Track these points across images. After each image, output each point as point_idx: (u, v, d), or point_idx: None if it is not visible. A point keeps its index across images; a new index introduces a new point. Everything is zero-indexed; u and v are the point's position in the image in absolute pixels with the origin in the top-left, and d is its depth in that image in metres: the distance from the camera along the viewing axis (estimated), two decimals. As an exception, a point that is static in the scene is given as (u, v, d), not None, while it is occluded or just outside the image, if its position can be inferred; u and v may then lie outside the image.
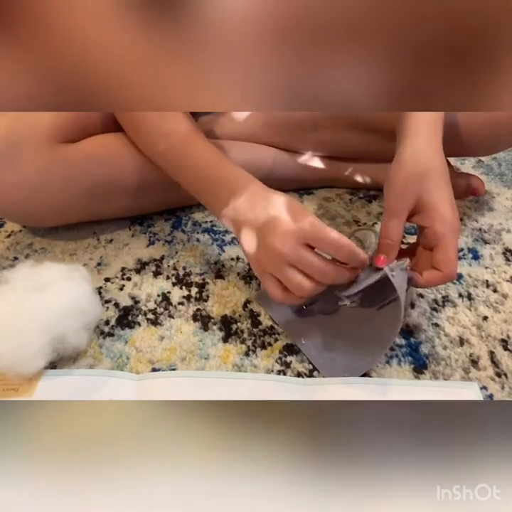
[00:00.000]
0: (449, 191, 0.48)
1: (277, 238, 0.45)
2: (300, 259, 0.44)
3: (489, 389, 0.49)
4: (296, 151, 0.74)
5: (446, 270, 0.46)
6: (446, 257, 0.46)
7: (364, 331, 0.51)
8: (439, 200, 0.46)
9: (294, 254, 0.44)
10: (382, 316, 0.49)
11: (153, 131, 0.56)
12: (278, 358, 0.51)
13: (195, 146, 0.54)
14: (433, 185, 0.47)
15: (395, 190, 0.48)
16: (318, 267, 0.44)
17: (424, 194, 0.47)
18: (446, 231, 0.46)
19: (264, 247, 0.46)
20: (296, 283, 0.45)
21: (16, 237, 0.67)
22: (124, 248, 0.65)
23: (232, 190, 0.50)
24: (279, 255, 0.45)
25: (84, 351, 0.51)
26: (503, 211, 0.74)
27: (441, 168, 0.48)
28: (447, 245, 0.46)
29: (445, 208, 0.46)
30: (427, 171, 0.47)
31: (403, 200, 0.47)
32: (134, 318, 0.55)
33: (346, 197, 0.76)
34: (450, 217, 0.46)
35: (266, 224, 0.46)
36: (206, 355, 0.51)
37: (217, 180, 0.52)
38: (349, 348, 0.50)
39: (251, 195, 0.49)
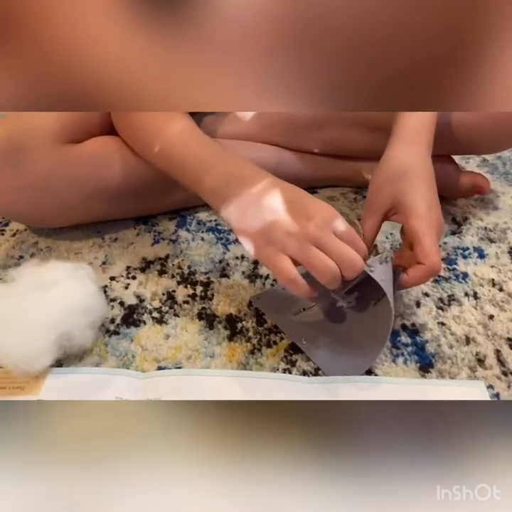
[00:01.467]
0: (427, 191, 0.49)
1: (310, 221, 0.42)
2: (333, 243, 0.42)
3: (495, 387, 0.48)
4: (301, 150, 0.74)
5: (427, 262, 0.46)
6: (424, 249, 0.46)
7: (363, 330, 0.51)
8: (413, 199, 0.48)
9: (327, 237, 0.42)
10: (377, 312, 0.49)
11: (149, 130, 0.55)
12: (283, 356, 0.51)
13: (192, 142, 0.52)
14: (408, 185, 0.49)
15: (372, 190, 0.51)
16: (350, 253, 0.42)
17: (399, 194, 0.49)
18: (422, 225, 0.47)
19: (287, 229, 0.43)
20: (325, 263, 0.42)
21: (21, 235, 0.67)
22: (128, 247, 0.65)
23: (232, 181, 0.47)
24: (310, 236, 0.42)
25: (90, 349, 0.51)
26: (508, 210, 0.74)
27: (420, 169, 0.50)
28: (424, 238, 0.46)
29: (420, 206, 0.48)
30: (404, 172, 0.49)
31: (378, 200, 0.50)
32: (139, 317, 0.55)
33: (350, 196, 0.76)
34: (425, 214, 0.47)
35: (285, 209, 0.44)
36: (211, 353, 0.51)
37: (221, 173, 0.49)
38: (349, 347, 0.51)
39: (255, 186, 0.46)
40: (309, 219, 0.43)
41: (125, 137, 0.60)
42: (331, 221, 0.43)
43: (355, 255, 0.42)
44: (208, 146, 0.52)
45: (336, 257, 0.42)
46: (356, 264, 0.42)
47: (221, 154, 0.51)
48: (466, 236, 0.68)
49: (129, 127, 0.59)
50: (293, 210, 0.44)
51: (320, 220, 0.43)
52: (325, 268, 0.42)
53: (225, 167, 0.49)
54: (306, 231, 0.42)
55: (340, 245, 0.42)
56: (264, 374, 0.49)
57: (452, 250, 0.66)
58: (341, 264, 0.42)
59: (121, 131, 0.60)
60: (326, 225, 0.43)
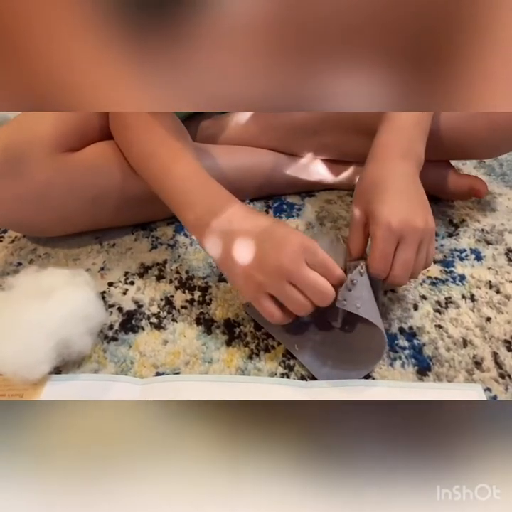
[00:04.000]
0: (398, 203, 0.48)
1: (282, 254, 0.44)
2: (304, 278, 0.44)
3: (493, 390, 0.49)
4: (297, 155, 0.74)
5: (372, 266, 0.47)
6: (373, 258, 0.47)
7: (355, 339, 0.51)
8: (376, 205, 0.48)
9: (298, 271, 0.44)
10: (368, 324, 0.49)
11: (143, 152, 0.56)
12: (281, 361, 0.51)
13: (179, 173, 0.52)
14: (375, 195, 0.49)
15: (353, 206, 0.52)
16: (321, 285, 0.45)
17: (367, 205, 0.49)
18: (374, 229, 0.47)
19: (263, 264, 0.45)
20: (299, 302, 0.45)
21: (20, 242, 0.67)
22: (126, 252, 0.65)
23: (214, 212, 0.49)
24: (283, 272, 0.44)
25: (89, 356, 0.51)
26: (505, 212, 0.74)
27: (393, 183, 0.49)
28: (373, 245, 0.47)
29: (379, 210, 0.47)
30: (373, 186, 0.50)
31: (355, 215, 0.51)
32: (137, 323, 0.55)
33: (348, 199, 0.76)
34: (381, 217, 0.47)
35: (264, 241, 0.46)
36: (210, 358, 0.51)
37: (199, 203, 0.50)
38: (342, 355, 0.51)
39: (235, 217, 0.48)
40: (281, 253, 0.45)
41: (122, 149, 0.60)
42: (303, 251, 0.45)
43: (324, 286, 0.45)
44: (195, 177, 0.52)
45: (306, 289, 0.45)
46: (327, 296, 0.45)
47: (205, 188, 0.51)
48: (463, 238, 0.68)
49: (123, 143, 0.59)
50: (267, 244, 0.46)
51: (291, 253, 0.44)
52: (297, 306, 0.45)
53: (206, 204, 0.50)
54: (278, 268, 0.44)
55: (309, 277, 0.44)
56: (262, 379, 0.49)
57: (449, 252, 0.66)
58: (312, 295, 0.45)
59: (118, 144, 0.60)
60: (298, 257, 0.44)
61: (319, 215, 0.73)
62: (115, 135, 0.60)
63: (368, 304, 0.47)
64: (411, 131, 0.54)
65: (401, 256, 0.47)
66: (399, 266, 0.47)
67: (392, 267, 0.47)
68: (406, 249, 0.47)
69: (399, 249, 0.47)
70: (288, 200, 0.76)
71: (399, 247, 0.47)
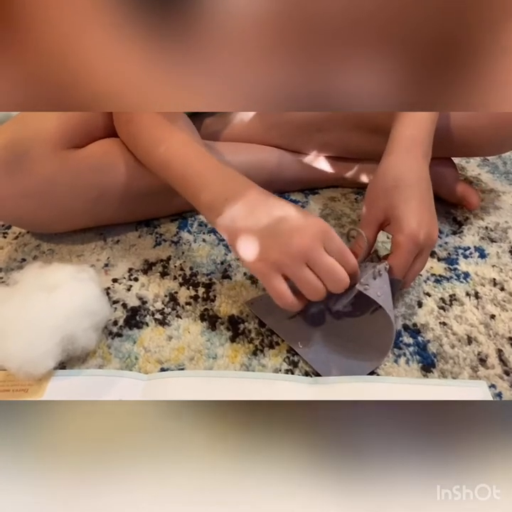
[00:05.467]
0: (418, 205, 0.50)
1: (303, 236, 0.44)
2: (323, 261, 0.44)
3: (498, 387, 0.48)
4: (301, 152, 0.74)
5: (396, 274, 0.49)
6: (394, 264, 0.49)
7: (360, 336, 0.51)
8: (403, 213, 0.49)
9: (318, 255, 0.44)
10: (375, 319, 0.49)
11: (149, 141, 0.55)
12: (286, 357, 0.51)
13: (191, 156, 0.52)
14: (400, 199, 0.50)
15: (367, 202, 0.53)
16: (338, 271, 0.44)
17: (391, 208, 0.50)
18: (402, 240, 0.49)
19: (282, 244, 0.45)
20: (314, 285, 0.45)
21: (24, 238, 0.67)
22: (131, 249, 0.66)
23: (228, 197, 0.48)
24: (302, 253, 0.44)
25: (93, 352, 0.51)
26: (509, 209, 0.74)
27: (413, 181, 0.51)
28: (397, 253, 0.49)
29: (407, 220, 0.49)
30: (396, 185, 0.51)
31: (373, 213, 0.52)
32: (141, 319, 0.55)
33: (352, 196, 0.76)
34: (409, 228, 0.49)
35: (283, 222, 0.45)
36: (214, 354, 0.51)
37: (218, 190, 0.49)
38: (346, 352, 0.51)
39: (250, 201, 0.48)
40: (302, 235, 0.44)
41: (126, 144, 0.60)
42: (322, 236, 0.45)
43: (341, 273, 0.44)
44: (206, 160, 0.52)
45: (323, 274, 0.44)
46: (342, 282, 0.45)
47: (218, 170, 0.51)
48: (467, 236, 0.68)
49: (130, 135, 0.59)
50: (286, 225, 0.45)
51: (311, 235, 0.44)
52: (312, 290, 0.45)
53: (221, 184, 0.50)
54: (297, 249, 0.44)
55: (328, 263, 0.44)
56: (266, 375, 0.49)
57: (453, 250, 0.66)
58: (328, 281, 0.45)
59: (123, 138, 0.60)
60: (317, 240, 0.44)
61: (323, 212, 0.73)
62: (120, 129, 0.60)
63: (387, 297, 0.47)
64: (429, 128, 0.54)
65: (417, 267, 0.51)
66: (412, 275, 0.51)
67: (406, 275, 0.50)
68: (421, 261, 0.51)
69: (416, 261, 0.50)
70: (292, 197, 0.76)
71: (417, 258, 0.50)
